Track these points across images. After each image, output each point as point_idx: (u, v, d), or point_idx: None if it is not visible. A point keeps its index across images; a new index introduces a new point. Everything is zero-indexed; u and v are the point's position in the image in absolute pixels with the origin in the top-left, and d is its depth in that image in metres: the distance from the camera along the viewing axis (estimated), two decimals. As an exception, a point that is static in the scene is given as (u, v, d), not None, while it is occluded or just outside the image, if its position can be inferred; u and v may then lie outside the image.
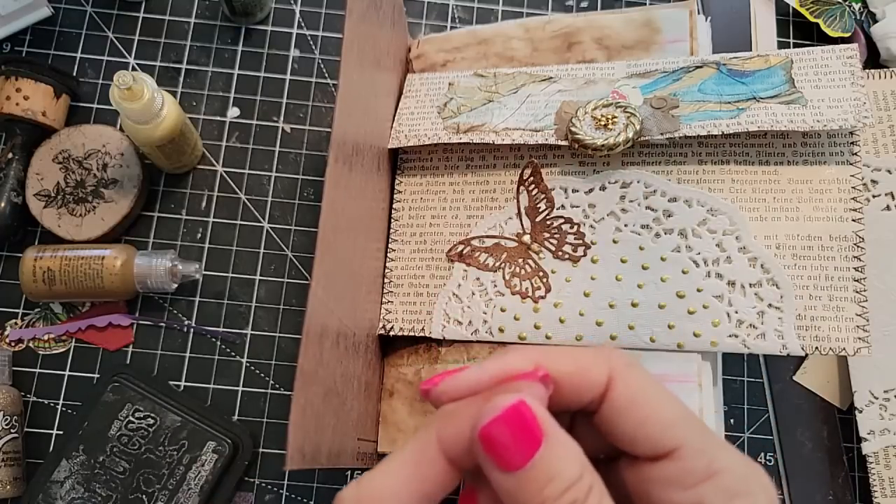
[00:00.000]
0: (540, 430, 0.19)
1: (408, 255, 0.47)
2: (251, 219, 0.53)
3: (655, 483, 0.21)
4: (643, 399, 0.21)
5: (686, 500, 0.20)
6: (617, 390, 0.21)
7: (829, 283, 0.41)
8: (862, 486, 0.50)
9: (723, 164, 0.43)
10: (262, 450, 0.50)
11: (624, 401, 0.21)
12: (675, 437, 0.21)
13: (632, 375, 0.21)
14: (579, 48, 0.49)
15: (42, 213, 0.50)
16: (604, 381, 0.21)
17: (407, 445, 0.21)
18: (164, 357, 0.51)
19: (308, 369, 0.33)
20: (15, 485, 0.46)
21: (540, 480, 0.19)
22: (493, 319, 0.44)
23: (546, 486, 0.19)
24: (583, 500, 0.19)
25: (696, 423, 0.21)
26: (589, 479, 0.19)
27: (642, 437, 0.21)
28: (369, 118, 0.43)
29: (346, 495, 0.20)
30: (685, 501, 0.20)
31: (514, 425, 0.19)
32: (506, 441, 0.19)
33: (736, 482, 0.20)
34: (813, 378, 0.51)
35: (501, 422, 0.19)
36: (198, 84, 0.55)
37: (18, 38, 0.55)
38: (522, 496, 0.19)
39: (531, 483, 0.19)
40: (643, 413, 0.21)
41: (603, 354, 0.22)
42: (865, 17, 0.58)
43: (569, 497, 0.19)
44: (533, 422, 0.19)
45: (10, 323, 0.51)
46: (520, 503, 0.19)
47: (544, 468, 0.19)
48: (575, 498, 0.19)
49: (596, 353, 0.21)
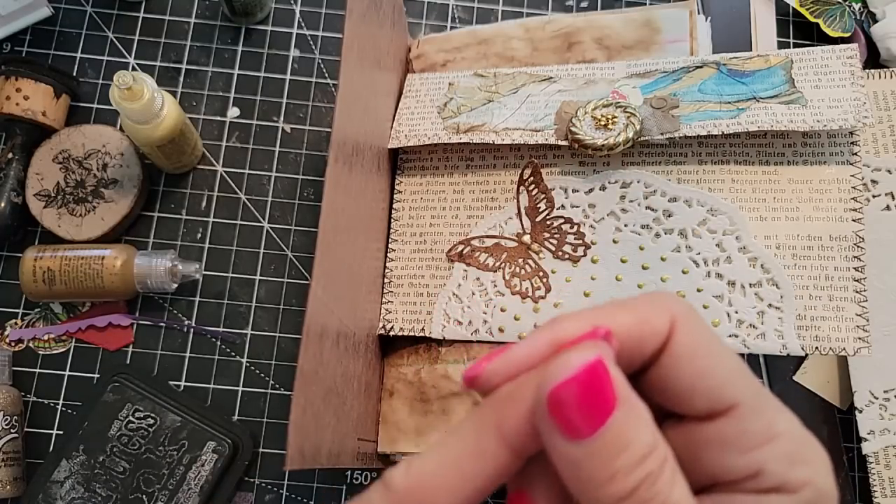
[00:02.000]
0: (614, 393, 0.17)
1: (408, 255, 0.47)
2: (251, 219, 0.53)
3: (709, 445, 0.19)
4: (705, 349, 0.19)
5: (744, 465, 0.18)
6: (678, 339, 0.19)
7: (829, 283, 0.41)
8: (862, 486, 0.50)
9: (723, 164, 0.43)
10: (262, 450, 0.50)
11: (685, 350, 0.19)
12: (735, 391, 0.19)
13: (693, 322, 0.19)
14: (579, 48, 0.49)
15: (42, 213, 0.50)
16: (666, 330, 0.19)
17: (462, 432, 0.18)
18: (164, 357, 0.51)
19: (308, 369, 0.33)
20: (15, 485, 0.46)
21: (612, 450, 0.17)
22: (493, 319, 0.44)
23: (618, 457, 0.16)
24: (657, 473, 0.17)
25: (754, 380, 0.19)
26: (663, 450, 0.17)
27: (701, 390, 0.19)
28: (369, 118, 0.43)
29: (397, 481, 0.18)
30: (742, 466, 0.18)
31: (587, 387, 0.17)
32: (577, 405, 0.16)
33: (796, 448, 0.19)
34: (813, 378, 0.51)
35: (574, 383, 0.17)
36: (198, 84, 0.55)
37: (18, 38, 0.55)
38: (590, 468, 0.17)
39: (602, 453, 0.17)
40: (704, 364, 0.19)
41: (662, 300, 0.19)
42: (865, 17, 0.58)
43: (643, 469, 0.17)
44: (608, 383, 0.17)
45: (10, 323, 0.51)
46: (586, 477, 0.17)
47: (617, 436, 0.17)
48: (650, 471, 0.17)
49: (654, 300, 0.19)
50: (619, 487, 0.16)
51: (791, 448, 0.18)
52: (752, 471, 0.18)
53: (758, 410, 0.19)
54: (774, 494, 0.18)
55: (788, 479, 0.18)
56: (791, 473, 0.18)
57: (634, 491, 0.17)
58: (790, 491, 0.18)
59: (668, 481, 0.17)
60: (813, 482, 0.18)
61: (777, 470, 0.18)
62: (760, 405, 0.19)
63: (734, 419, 0.19)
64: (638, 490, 0.17)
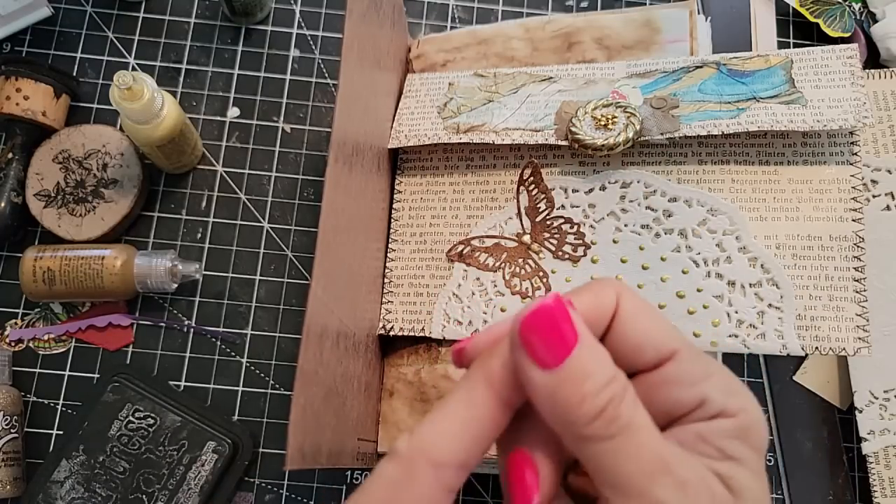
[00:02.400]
0: (574, 329, 0.20)
1: (408, 255, 0.47)
2: (251, 219, 0.53)
3: (662, 385, 0.22)
4: (646, 311, 0.23)
5: (691, 395, 0.22)
6: (624, 306, 0.23)
7: (829, 283, 0.41)
8: (862, 486, 0.50)
9: (723, 164, 0.43)
10: (262, 450, 0.50)
11: (631, 313, 0.23)
12: (674, 341, 0.23)
13: (632, 294, 0.23)
14: (579, 48, 0.49)
15: (42, 213, 0.50)
16: (615, 301, 0.23)
17: (454, 391, 0.22)
18: (164, 357, 0.51)
19: (308, 369, 0.33)
20: (15, 485, 0.46)
21: (578, 376, 0.20)
22: (493, 319, 0.44)
23: (584, 382, 0.20)
24: (621, 396, 0.20)
25: (685, 336, 0.23)
26: (623, 379, 0.21)
27: (648, 342, 0.22)
28: (369, 118, 0.43)
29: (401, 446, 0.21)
30: (690, 396, 0.22)
31: (549, 320, 0.20)
32: (543, 336, 0.20)
33: (728, 383, 0.22)
34: (813, 378, 0.51)
35: (539, 315, 0.20)
36: (198, 84, 0.55)
37: (18, 38, 0.55)
38: (562, 393, 0.20)
39: (570, 379, 0.20)
40: (647, 322, 0.23)
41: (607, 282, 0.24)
42: (865, 17, 0.58)
43: (608, 392, 0.20)
44: (567, 319, 0.20)
45: (10, 323, 0.51)
46: (560, 402, 0.20)
47: (582, 364, 0.20)
48: (613, 393, 0.20)
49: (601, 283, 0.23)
50: (590, 407, 0.20)
51: (725, 381, 0.22)
52: (698, 400, 0.22)
53: (694, 355, 0.23)
54: (718, 419, 0.21)
55: (727, 405, 0.22)
56: (728, 401, 0.22)
57: (603, 411, 0.20)
58: (730, 415, 0.22)
59: (631, 404, 0.20)
60: (746, 408, 0.22)
61: (717, 398, 0.22)
62: (695, 351, 0.23)
63: (678, 362, 0.22)
64: (606, 410, 0.20)
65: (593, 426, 0.20)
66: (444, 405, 0.21)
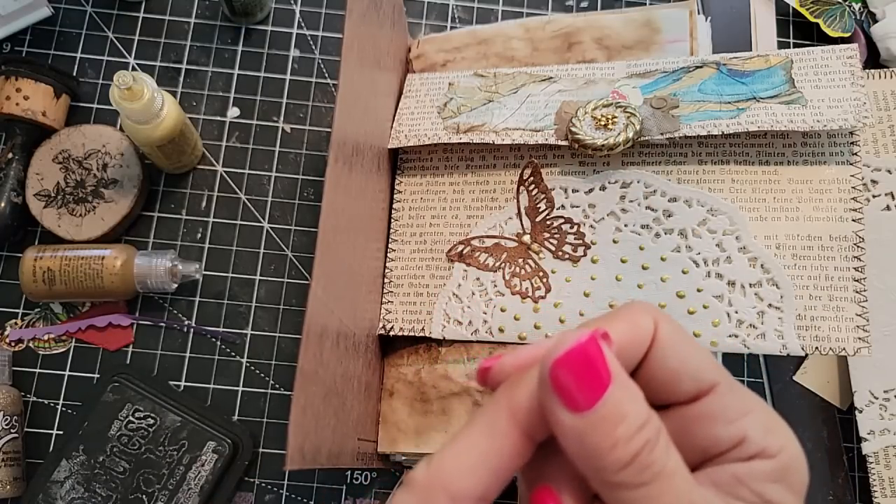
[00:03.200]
0: (608, 369, 0.19)
1: (408, 255, 0.47)
2: (251, 219, 0.53)
3: (699, 421, 0.21)
4: (684, 340, 0.22)
5: (729, 434, 0.21)
6: (661, 335, 0.21)
7: (829, 283, 0.41)
8: (862, 486, 0.50)
9: (723, 164, 0.43)
10: (262, 450, 0.50)
11: (670, 342, 0.21)
12: (714, 372, 0.21)
13: (669, 320, 0.22)
14: (579, 48, 0.49)
15: (42, 213, 0.50)
16: (652, 329, 0.22)
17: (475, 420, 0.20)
18: (164, 357, 0.51)
19: (308, 369, 0.33)
20: (15, 485, 0.46)
21: (611, 420, 0.18)
22: (493, 319, 0.44)
23: (617, 426, 0.18)
24: (654, 440, 0.19)
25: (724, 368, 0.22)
26: (657, 422, 0.19)
27: (686, 373, 0.21)
28: (369, 118, 0.43)
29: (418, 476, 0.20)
30: (728, 435, 0.21)
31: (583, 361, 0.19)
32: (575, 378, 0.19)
33: (769, 418, 0.21)
34: (813, 378, 0.51)
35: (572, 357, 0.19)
36: (198, 84, 0.55)
37: (18, 38, 0.55)
38: (594, 438, 0.18)
39: (603, 423, 0.18)
40: (686, 351, 0.21)
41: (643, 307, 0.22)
42: (865, 17, 0.58)
43: (642, 437, 0.19)
44: (602, 359, 0.19)
45: (10, 323, 0.51)
46: (589, 447, 0.19)
47: (615, 407, 0.19)
48: (648, 438, 0.19)
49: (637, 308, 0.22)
50: (622, 454, 0.18)
51: (765, 419, 0.21)
52: (737, 439, 0.20)
53: (734, 388, 0.21)
54: (757, 460, 0.20)
55: (767, 444, 0.20)
56: (768, 440, 0.20)
57: (636, 457, 0.18)
58: (769, 456, 0.20)
59: (664, 449, 0.19)
60: (787, 447, 0.20)
61: (757, 437, 0.20)
62: (735, 384, 0.21)
63: (717, 396, 0.21)
64: (639, 456, 0.18)
65: (624, 473, 0.18)
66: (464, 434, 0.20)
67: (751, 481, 0.20)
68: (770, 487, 0.20)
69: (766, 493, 0.20)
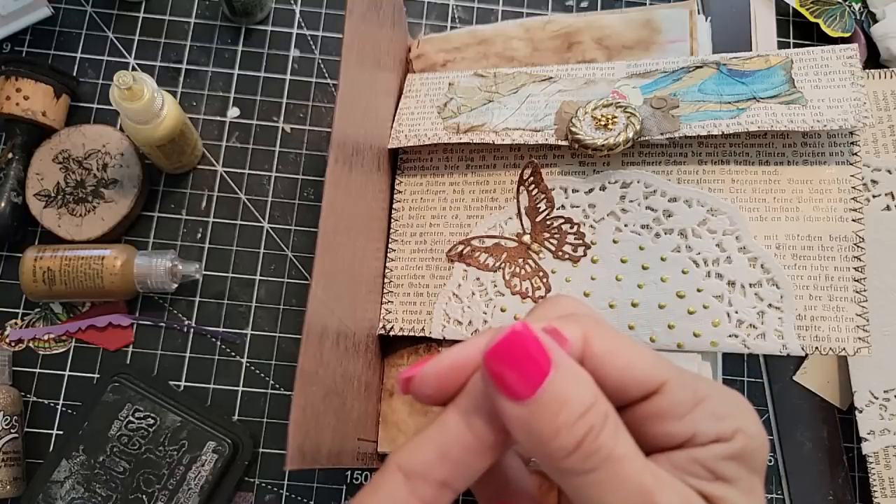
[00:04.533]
0: (547, 356, 0.19)
1: (408, 255, 0.47)
2: (251, 219, 0.53)
3: (649, 419, 0.21)
4: (621, 346, 0.21)
5: (680, 429, 0.21)
6: (596, 345, 0.21)
7: (829, 283, 0.41)
8: (862, 486, 0.50)
9: (723, 164, 0.43)
10: (262, 450, 0.50)
11: (605, 352, 0.21)
12: (660, 372, 0.21)
13: (602, 329, 0.21)
14: (579, 48, 0.49)
15: (42, 213, 0.50)
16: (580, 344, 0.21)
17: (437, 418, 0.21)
18: (164, 357, 0.51)
19: (308, 369, 0.33)
20: (15, 485, 0.46)
21: (552, 407, 0.18)
22: (493, 319, 0.44)
23: (559, 413, 0.18)
24: (600, 426, 0.19)
25: (671, 362, 0.22)
26: (604, 406, 0.19)
27: (631, 378, 0.21)
28: (369, 118, 0.43)
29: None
30: (680, 430, 0.21)
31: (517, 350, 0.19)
32: (512, 366, 0.19)
33: (721, 406, 0.21)
34: (813, 378, 0.51)
35: (505, 345, 0.19)
36: (198, 84, 0.55)
37: (18, 38, 0.55)
38: (536, 426, 0.18)
39: (543, 410, 0.18)
40: (626, 358, 0.21)
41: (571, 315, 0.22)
42: (865, 17, 0.58)
43: (585, 423, 0.18)
44: (539, 346, 0.19)
45: (10, 323, 0.51)
46: (534, 436, 0.19)
47: (556, 393, 0.18)
48: (591, 424, 0.18)
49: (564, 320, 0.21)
50: (565, 441, 0.18)
51: (716, 407, 0.21)
52: (688, 435, 0.21)
53: (683, 382, 0.21)
54: (712, 445, 0.20)
55: (721, 431, 0.20)
56: (722, 427, 0.20)
57: (579, 444, 0.18)
58: (725, 440, 0.20)
59: (612, 434, 0.19)
60: (742, 429, 0.20)
61: (708, 429, 0.20)
62: (684, 378, 0.21)
63: (666, 394, 0.21)
64: (583, 443, 0.18)
65: (570, 460, 0.18)
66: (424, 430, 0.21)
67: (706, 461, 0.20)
68: (724, 464, 0.20)
69: (718, 469, 0.20)
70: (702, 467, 0.20)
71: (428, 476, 0.20)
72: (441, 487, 0.20)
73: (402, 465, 0.20)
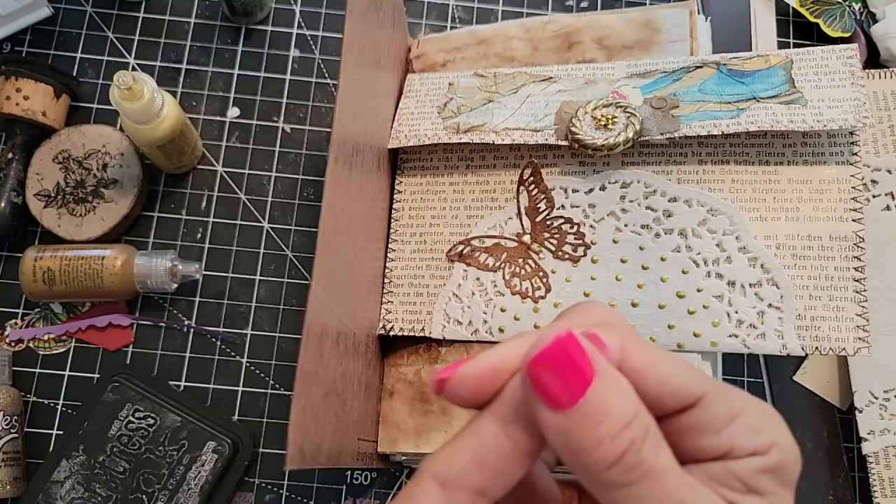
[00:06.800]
0: (590, 364, 0.18)
1: (408, 255, 0.47)
2: (251, 219, 0.53)
3: (686, 432, 0.21)
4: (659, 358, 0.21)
5: (717, 443, 0.20)
6: (634, 356, 0.21)
7: (829, 283, 0.41)
8: (862, 486, 0.50)
9: (723, 164, 0.43)
10: (262, 450, 0.50)
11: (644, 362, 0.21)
12: (698, 385, 0.21)
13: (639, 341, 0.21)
14: (579, 48, 0.49)
15: (42, 213, 0.50)
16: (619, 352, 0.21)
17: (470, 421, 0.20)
18: (164, 357, 0.51)
19: (308, 369, 0.33)
20: (15, 485, 0.46)
21: (594, 417, 0.18)
22: (493, 319, 0.44)
23: (601, 424, 0.18)
24: (642, 439, 0.18)
25: (707, 374, 0.21)
26: (646, 419, 0.19)
27: (669, 390, 0.21)
28: (369, 118, 0.43)
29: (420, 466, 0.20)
30: (717, 444, 0.20)
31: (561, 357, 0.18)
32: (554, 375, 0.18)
33: (757, 419, 0.21)
34: (813, 378, 0.51)
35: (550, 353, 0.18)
36: (198, 84, 0.55)
37: (18, 38, 0.55)
38: (577, 436, 0.18)
39: (585, 421, 0.18)
40: (665, 370, 0.21)
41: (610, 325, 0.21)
42: (865, 17, 0.58)
43: (627, 435, 0.18)
44: (583, 354, 0.18)
45: (10, 323, 0.51)
46: (575, 446, 0.18)
47: (598, 404, 0.18)
48: (634, 437, 0.18)
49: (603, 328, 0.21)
50: (607, 453, 0.18)
51: (752, 420, 0.21)
52: (725, 448, 0.20)
53: (720, 395, 0.21)
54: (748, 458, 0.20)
55: (757, 445, 0.20)
56: (757, 441, 0.20)
57: (621, 456, 0.18)
58: (761, 454, 0.20)
59: (653, 447, 0.18)
60: (777, 443, 0.20)
61: (745, 443, 0.20)
62: (721, 391, 0.21)
63: (703, 407, 0.21)
64: (625, 455, 0.18)
65: (610, 472, 0.18)
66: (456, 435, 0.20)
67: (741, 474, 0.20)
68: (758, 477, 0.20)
69: (752, 482, 0.20)
70: (737, 480, 0.20)
71: (464, 484, 0.19)
72: (477, 496, 0.20)
73: (437, 474, 0.20)
